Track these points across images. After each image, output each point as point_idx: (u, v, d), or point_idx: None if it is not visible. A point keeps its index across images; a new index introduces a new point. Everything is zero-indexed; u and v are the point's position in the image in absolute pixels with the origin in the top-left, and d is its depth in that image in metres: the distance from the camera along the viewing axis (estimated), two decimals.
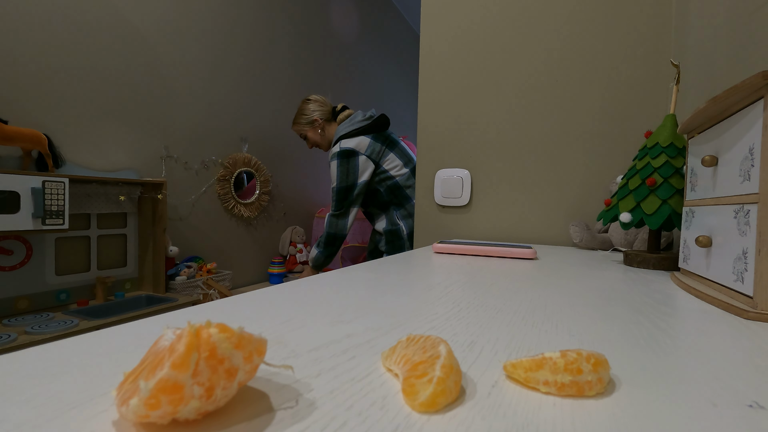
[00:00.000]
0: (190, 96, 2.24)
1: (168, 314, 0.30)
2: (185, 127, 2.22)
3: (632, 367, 0.22)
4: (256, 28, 2.67)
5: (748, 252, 0.34)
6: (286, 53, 2.93)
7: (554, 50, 1.03)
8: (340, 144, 1.60)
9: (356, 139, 1.60)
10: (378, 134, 1.64)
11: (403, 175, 1.62)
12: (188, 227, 2.26)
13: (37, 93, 1.61)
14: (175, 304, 1.75)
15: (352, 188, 1.57)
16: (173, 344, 0.14)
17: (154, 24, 2.03)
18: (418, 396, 0.17)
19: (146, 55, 2.00)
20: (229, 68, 2.48)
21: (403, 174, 1.62)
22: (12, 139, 1.40)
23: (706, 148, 0.45)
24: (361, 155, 1.58)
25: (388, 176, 1.61)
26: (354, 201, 1.60)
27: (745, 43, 0.61)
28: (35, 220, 1.37)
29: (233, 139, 2.53)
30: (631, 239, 0.80)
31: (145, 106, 2.01)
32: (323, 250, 1.66)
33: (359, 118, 1.67)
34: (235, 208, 2.53)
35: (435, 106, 1.17)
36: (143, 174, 2.00)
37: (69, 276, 1.70)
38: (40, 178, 1.39)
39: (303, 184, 3.17)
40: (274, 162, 2.87)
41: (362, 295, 0.38)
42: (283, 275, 2.79)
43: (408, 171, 1.63)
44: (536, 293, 0.41)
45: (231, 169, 2.49)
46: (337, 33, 3.50)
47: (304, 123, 1.79)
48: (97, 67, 1.80)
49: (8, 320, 1.42)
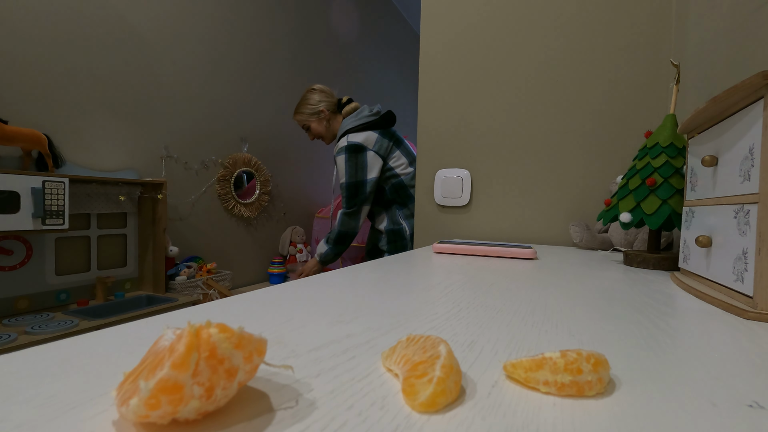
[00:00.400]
0: (190, 96, 2.24)
1: (168, 314, 0.30)
2: (185, 127, 2.22)
3: (632, 367, 0.22)
4: (256, 28, 2.67)
5: (748, 252, 0.34)
6: (286, 53, 2.93)
7: (554, 50, 1.03)
8: (347, 138, 1.55)
9: (364, 134, 1.56)
10: (385, 131, 1.61)
11: (408, 174, 1.59)
12: (188, 227, 2.26)
13: (37, 93, 1.61)
14: (175, 304, 1.75)
15: (362, 184, 1.53)
16: (173, 344, 0.14)
17: (154, 24, 2.03)
18: (418, 396, 0.17)
19: (146, 55, 2.00)
20: (229, 68, 2.48)
21: (408, 173, 1.59)
22: (12, 139, 1.40)
23: (706, 148, 0.45)
24: (369, 151, 1.54)
25: (393, 174, 1.58)
26: (366, 199, 1.55)
27: (745, 43, 0.61)
28: (35, 220, 1.37)
29: (233, 139, 2.53)
30: (631, 239, 0.80)
31: (145, 106, 2.01)
32: (333, 247, 1.63)
33: (366, 112, 1.62)
34: (235, 208, 2.53)
35: (435, 106, 1.17)
36: (143, 174, 2.00)
37: (69, 276, 1.70)
38: (40, 178, 1.39)
39: (303, 184, 3.17)
40: (274, 162, 2.87)
41: (362, 295, 0.38)
42: (284, 275, 2.79)
43: (413, 170, 1.60)
44: (536, 293, 0.41)
45: (231, 169, 2.49)
46: (337, 33, 3.50)
47: (308, 113, 1.71)
48: (97, 67, 1.80)
49: (8, 320, 1.42)
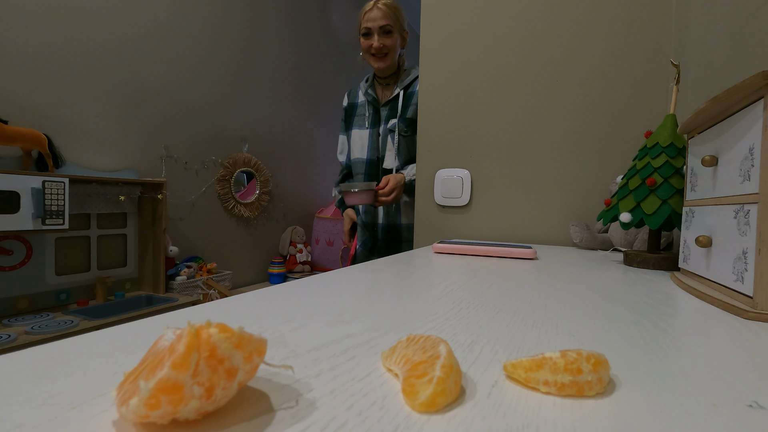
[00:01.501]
0: (190, 96, 2.24)
1: (168, 314, 0.30)
2: (185, 127, 2.22)
3: (632, 367, 0.22)
4: (255, 28, 2.67)
5: (748, 252, 0.34)
6: (285, 53, 2.93)
7: (554, 50, 1.03)
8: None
9: None
10: None
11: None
12: (188, 227, 2.26)
13: (37, 93, 1.61)
14: (175, 304, 1.75)
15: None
16: (173, 344, 0.14)
17: (154, 24, 2.03)
18: (418, 396, 0.17)
19: (146, 56, 2.00)
20: (229, 68, 2.48)
21: None
22: (12, 139, 1.40)
23: (706, 148, 0.45)
24: None
25: None
26: None
27: (745, 43, 0.61)
28: (35, 220, 1.37)
29: (233, 139, 2.53)
30: (631, 239, 0.80)
31: (145, 106, 2.01)
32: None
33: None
34: (235, 208, 2.53)
35: (435, 106, 1.17)
36: (143, 174, 2.00)
37: (69, 276, 1.70)
38: (40, 178, 1.38)
39: (303, 184, 3.17)
40: (274, 162, 2.87)
41: (362, 295, 0.38)
42: (283, 275, 2.79)
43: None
44: (536, 293, 0.41)
45: (231, 169, 2.49)
46: (336, 33, 3.50)
47: (401, 22, 1.36)
48: (97, 67, 1.80)
49: (8, 320, 1.42)
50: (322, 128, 3.35)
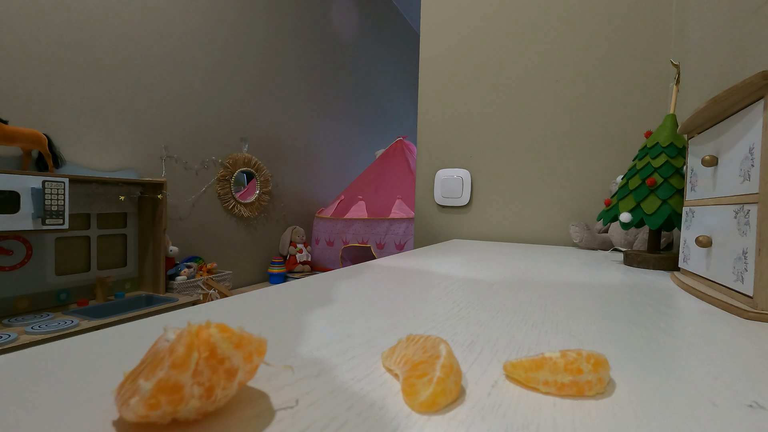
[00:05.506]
0: (190, 96, 2.24)
1: (168, 314, 0.30)
2: (185, 127, 2.22)
3: (632, 367, 0.22)
4: (256, 28, 2.67)
5: (748, 252, 0.34)
6: (286, 53, 2.93)
7: (554, 50, 1.03)
8: None
9: None
10: None
11: None
12: (188, 227, 2.26)
13: (37, 93, 1.61)
14: (175, 304, 1.74)
15: None
16: (173, 344, 0.14)
17: (154, 24, 2.03)
18: (418, 396, 0.17)
19: (146, 56, 2.00)
20: (229, 68, 2.48)
21: None
22: (12, 139, 1.40)
23: (706, 148, 0.45)
24: None
25: None
26: None
27: (745, 43, 0.61)
28: (35, 220, 1.37)
29: (233, 139, 2.53)
30: (631, 239, 0.80)
31: (145, 106, 2.01)
32: None
33: None
34: (235, 208, 2.53)
35: (435, 107, 1.17)
36: (143, 174, 2.00)
37: (69, 276, 1.70)
38: (40, 178, 1.38)
39: (303, 184, 3.17)
40: (274, 162, 2.87)
41: (362, 295, 0.38)
42: (283, 275, 2.79)
43: None
44: (536, 293, 0.41)
45: (231, 169, 2.49)
46: (337, 33, 3.50)
47: None
48: (97, 67, 1.80)
49: (8, 320, 1.42)
50: (322, 128, 3.35)
